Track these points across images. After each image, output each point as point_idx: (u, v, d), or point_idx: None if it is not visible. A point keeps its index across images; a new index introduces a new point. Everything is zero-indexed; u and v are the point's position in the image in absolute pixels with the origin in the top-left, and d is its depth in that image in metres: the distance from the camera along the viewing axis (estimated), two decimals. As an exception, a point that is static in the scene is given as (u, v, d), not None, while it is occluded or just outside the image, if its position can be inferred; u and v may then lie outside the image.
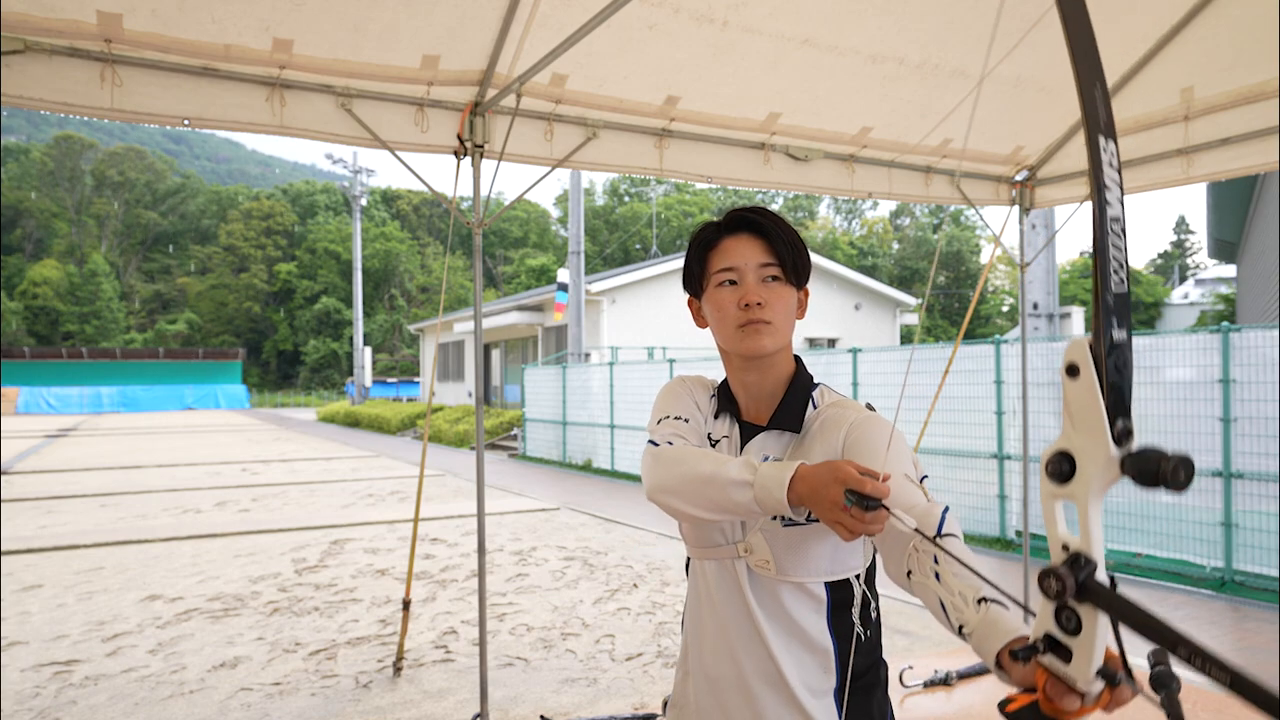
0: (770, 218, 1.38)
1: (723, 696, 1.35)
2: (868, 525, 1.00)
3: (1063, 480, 0.76)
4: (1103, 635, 0.75)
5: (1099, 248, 0.74)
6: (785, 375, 1.39)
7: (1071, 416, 0.75)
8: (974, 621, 0.94)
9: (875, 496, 0.98)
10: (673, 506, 1.26)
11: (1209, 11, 3.16)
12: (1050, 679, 0.78)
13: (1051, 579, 0.74)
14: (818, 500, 1.05)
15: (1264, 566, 5.67)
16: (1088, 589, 0.73)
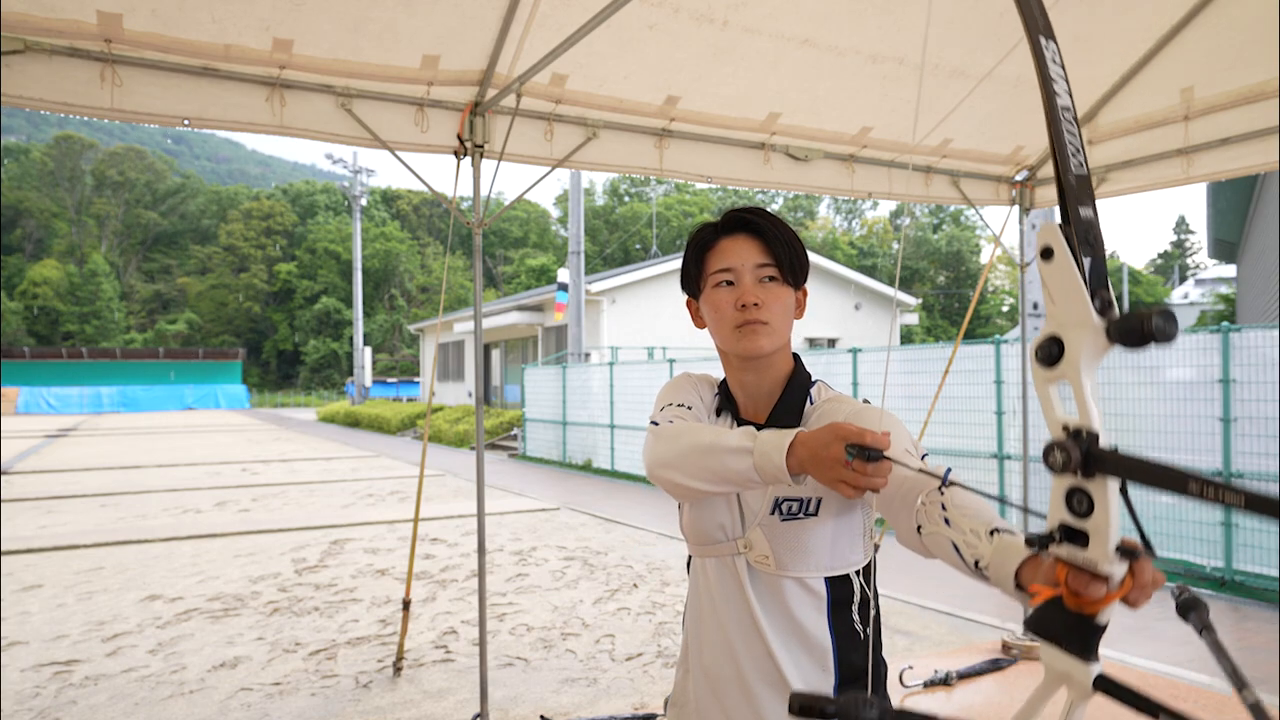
0: (766, 218, 1.39)
1: (722, 695, 1.35)
2: (870, 478, 1.00)
3: (1052, 363, 0.77)
4: (1116, 511, 0.74)
5: (1054, 136, 0.78)
6: (783, 374, 1.40)
7: (1053, 298, 0.77)
8: (988, 553, 0.94)
9: (876, 448, 0.98)
10: (672, 480, 1.26)
11: (1209, 11, 3.16)
12: (1071, 571, 0.76)
13: (1056, 451, 0.75)
14: (818, 461, 1.05)
15: (1264, 566, 5.67)
16: (1093, 456, 0.73)
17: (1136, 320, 0.69)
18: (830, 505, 1.30)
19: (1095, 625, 0.77)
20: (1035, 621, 0.81)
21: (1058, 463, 0.74)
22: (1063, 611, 0.78)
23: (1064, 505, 0.76)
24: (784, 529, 1.30)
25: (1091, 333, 0.75)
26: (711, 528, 1.37)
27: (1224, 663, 0.77)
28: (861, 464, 0.99)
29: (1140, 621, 5.07)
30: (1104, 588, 0.74)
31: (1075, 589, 0.75)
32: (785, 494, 1.31)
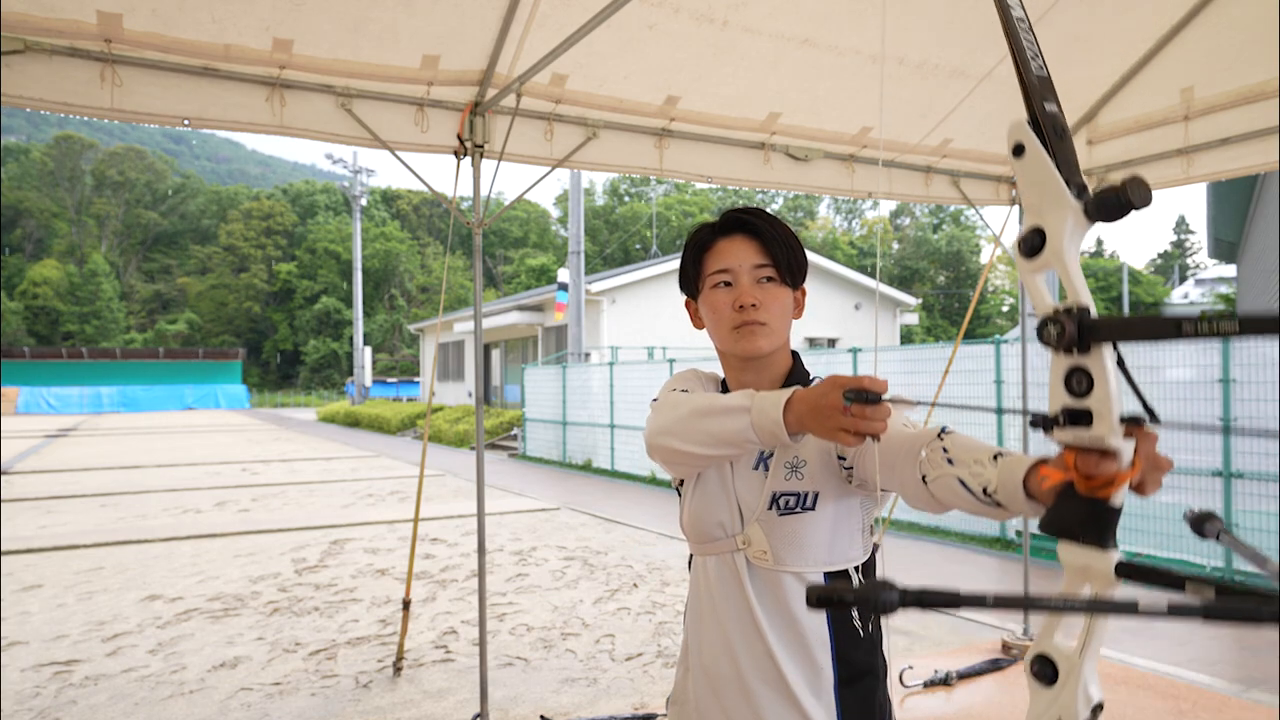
0: (764, 218, 1.39)
1: (722, 694, 1.35)
2: (870, 421, 0.99)
3: (1035, 253, 0.79)
4: (1115, 384, 0.75)
5: (1014, 44, 0.83)
6: (782, 373, 1.40)
7: (1029, 191, 0.79)
8: (994, 476, 0.95)
9: (873, 391, 0.98)
10: (670, 447, 1.26)
11: (1209, 11, 3.16)
12: (1079, 453, 0.76)
13: (1050, 325, 0.75)
14: (818, 412, 1.04)
15: (1264, 566, 5.67)
16: (1087, 326, 0.74)
17: (1112, 193, 0.71)
18: (828, 500, 1.30)
19: (1109, 510, 0.76)
20: (1049, 521, 0.80)
21: (1052, 336, 0.75)
22: (1075, 500, 0.78)
23: (1064, 388, 0.77)
24: (781, 524, 1.30)
25: (1071, 214, 0.76)
26: (711, 525, 1.37)
27: (1246, 552, 0.77)
28: (860, 408, 0.99)
29: (1140, 622, 5.07)
30: (1114, 464, 0.74)
31: (1085, 470, 0.75)
32: (782, 489, 1.31)
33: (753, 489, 1.34)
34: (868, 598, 0.62)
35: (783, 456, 1.33)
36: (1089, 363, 0.75)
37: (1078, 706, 0.77)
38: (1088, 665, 0.78)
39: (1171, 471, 0.77)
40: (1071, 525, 0.78)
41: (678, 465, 1.33)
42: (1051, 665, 0.79)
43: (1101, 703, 0.78)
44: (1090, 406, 0.75)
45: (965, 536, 7.79)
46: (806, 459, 1.31)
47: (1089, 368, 0.75)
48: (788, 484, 1.31)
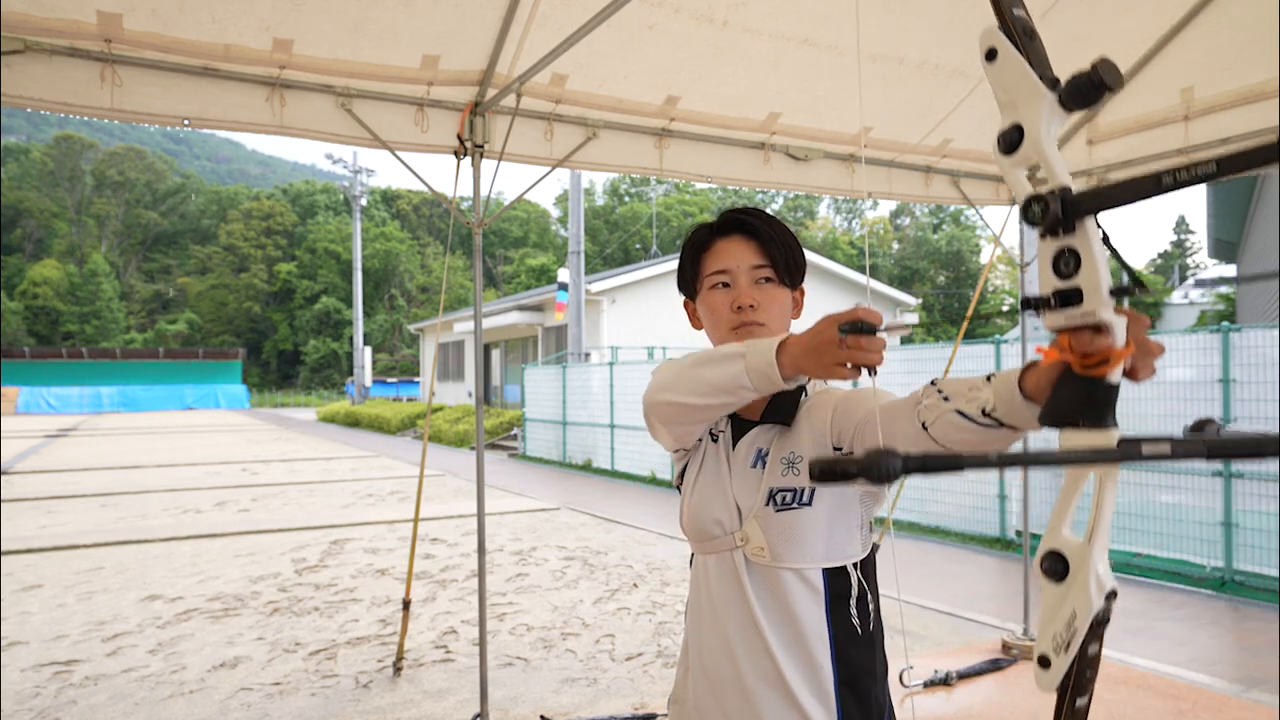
0: (762, 219, 1.38)
1: (721, 694, 1.35)
2: (867, 351, 1.00)
3: (1014, 148, 0.80)
4: (1103, 259, 0.75)
5: None
6: None
7: (1005, 91, 0.80)
8: (991, 394, 0.95)
9: (869, 322, 0.99)
10: (667, 401, 1.26)
11: (1209, 11, 3.16)
12: (1072, 334, 0.77)
13: (1034, 204, 0.76)
14: (814, 350, 1.05)
15: (1264, 566, 5.67)
16: (1069, 201, 0.75)
17: (1083, 78, 0.72)
18: (825, 495, 1.30)
19: (1107, 387, 0.77)
20: (1049, 411, 0.81)
21: (1036, 214, 0.76)
22: (1073, 383, 0.78)
23: (1052, 272, 0.77)
24: (779, 519, 1.30)
25: (1047, 105, 0.78)
26: (709, 523, 1.37)
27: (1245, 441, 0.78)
28: (856, 339, 0.99)
29: (1140, 622, 5.08)
30: (1107, 339, 0.75)
31: (1080, 348, 0.76)
32: (779, 484, 1.31)
33: (750, 486, 1.34)
34: (871, 464, 0.62)
35: (779, 452, 1.33)
36: (1075, 242, 0.76)
37: (1091, 595, 0.77)
38: (1097, 553, 0.78)
39: (1172, 471, 0.77)
40: (1071, 410, 0.78)
41: (675, 423, 1.31)
42: (1062, 560, 0.80)
43: (1115, 590, 0.78)
44: (1079, 284, 0.76)
45: (965, 536, 7.79)
46: (803, 454, 1.31)
47: (1075, 246, 0.76)
48: (784, 480, 1.31)
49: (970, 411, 0.98)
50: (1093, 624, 0.77)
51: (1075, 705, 0.79)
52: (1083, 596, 0.77)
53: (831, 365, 1.03)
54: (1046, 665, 0.79)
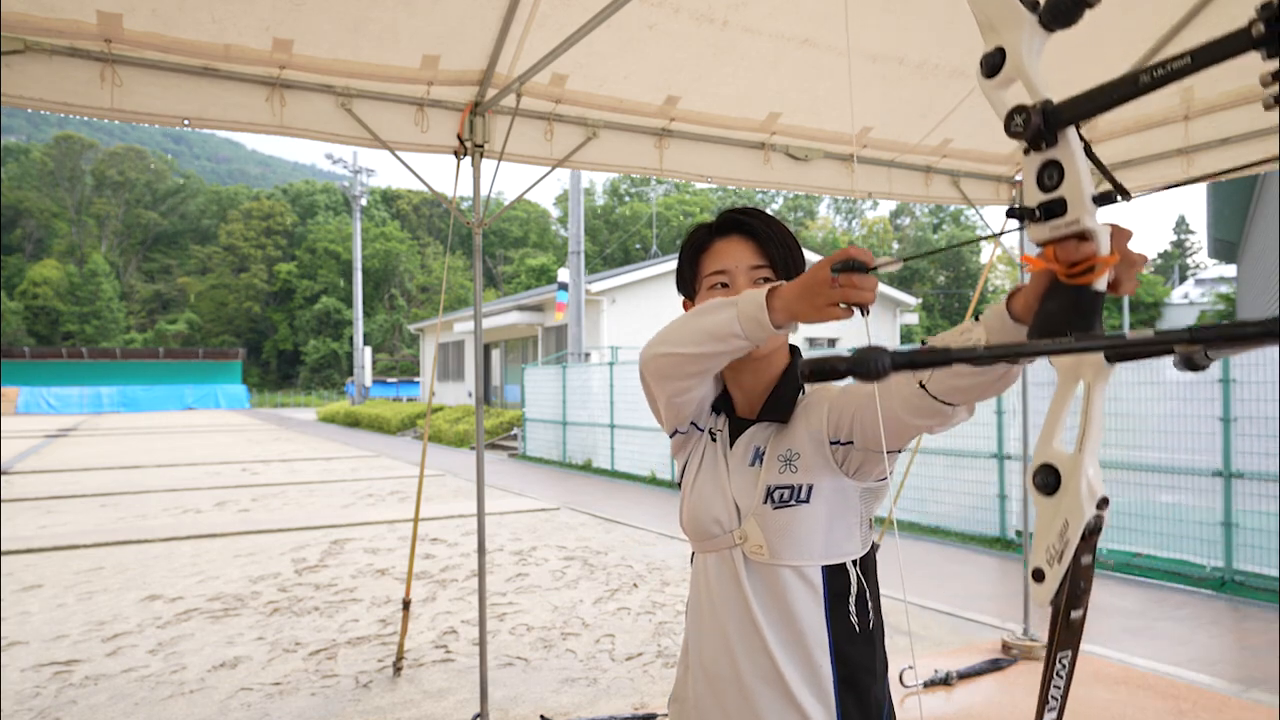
0: (761, 219, 1.38)
1: (721, 693, 1.35)
2: (860, 289, 1.01)
3: (996, 70, 0.81)
4: (1085, 168, 0.76)
5: None
6: (779, 372, 1.39)
7: (986, 18, 0.81)
8: (982, 330, 0.96)
9: (860, 260, 0.99)
10: (662, 353, 1.26)
11: (1209, 11, 3.16)
12: (1057, 244, 0.78)
13: (1015, 115, 0.77)
14: (806, 292, 1.05)
15: (1264, 566, 5.67)
16: (1051, 112, 0.76)
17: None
18: (822, 492, 1.29)
19: (1094, 295, 0.78)
20: (1037, 324, 0.82)
21: (1019, 126, 0.77)
22: (1060, 294, 0.79)
23: (1036, 185, 0.78)
24: (777, 517, 1.30)
25: (1028, 27, 0.79)
26: (707, 522, 1.37)
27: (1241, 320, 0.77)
28: (848, 277, 1.00)
29: (1140, 622, 5.08)
30: (1092, 246, 0.76)
31: (1065, 257, 0.77)
32: (776, 482, 1.31)
33: (747, 484, 1.34)
34: (859, 363, 0.62)
35: (776, 450, 1.33)
36: (1057, 154, 0.77)
37: (1083, 504, 0.77)
38: (1088, 460, 0.78)
39: (1172, 471, 0.78)
40: (1059, 321, 0.79)
41: (667, 377, 1.30)
42: (1054, 473, 0.80)
43: (1106, 498, 0.79)
44: (1063, 194, 0.77)
45: (965, 536, 7.79)
46: (800, 451, 1.31)
47: (1058, 158, 0.77)
48: (781, 477, 1.31)
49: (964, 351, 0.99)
50: (1085, 533, 0.77)
51: (1070, 618, 0.79)
52: (1074, 505, 0.78)
53: (825, 306, 1.04)
54: (1040, 579, 0.80)
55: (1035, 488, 0.81)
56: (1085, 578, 0.79)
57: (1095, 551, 0.79)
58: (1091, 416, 0.79)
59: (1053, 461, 0.80)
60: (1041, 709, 0.81)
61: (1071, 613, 0.79)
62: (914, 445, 4.93)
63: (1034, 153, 0.78)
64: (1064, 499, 0.78)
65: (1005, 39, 0.80)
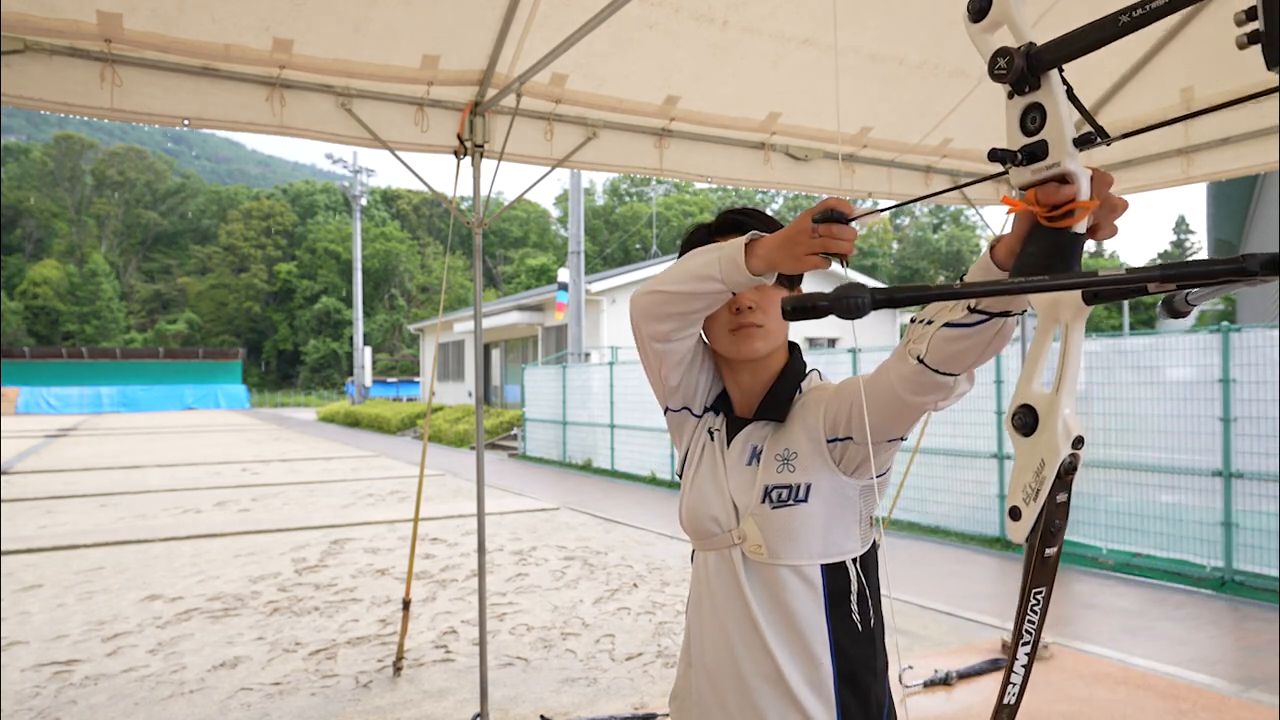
0: (760, 219, 1.38)
1: (721, 689, 1.35)
2: (838, 240, 1.02)
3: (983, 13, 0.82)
4: (1066, 110, 0.77)
5: None
6: (776, 371, 1.40)
7: None
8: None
9: (840, 211, 1.02)
10: (647, 290, 1.28)
11: (1209, 11, 3.16)
12: (1038, 187, 0.78)
13: (998, 57, 0.78)
14: (786, 241, 1.07)
15: (1264, 566, 5.67)
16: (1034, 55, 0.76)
17: None
18: (820, 491, 1.29)
19: (1074, 237, 0.78)
20: (1019, 265, 0.82)
21: (1002, 69, 0.77)
22: (1040, 235, 0.80)
23: (1019, 129, 0.79)
24: (775, 516, 1.30)
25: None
26: (706, 520, 1.38)
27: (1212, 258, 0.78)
28: (828, 227, 1.02)
29: (1140, 622, 5.08)
30: (1072, 189, 0.76)
31: (1045, 199, 0.77)
32: (774, 481, 1.31)
33: (745, 483, 1.34)
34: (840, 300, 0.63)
35: (773, 449, 1.33)
36: (1040, 97, 0.78)
37: (1058, 442, 0.79)
38: (1064, 399, 0.79)
39: (1172, 471, 0.78)
40: (1039, 261, 0.79)
41: (650, 315, 1.30)
42: (1032, 413, 0.81)
43: (1081, 436, 0.80)
44: (1044, 138, 0.77)
45: (965, 536, 7.79)
46: (797, 450, 1.31)
47: (1041, 101, 0.78)
48: (779, 476, 1.31)
49: (956, 318, 0.99)
50: (1060, 472, 0.78)
51: (1045, 555, 0.81)
52: (1050, 444, 0.79)
53: (804, 255, 1.06)
54: (1017, 517, 0.81)
55: (1014, 428, 0.82)
56: (1060, 515, 0.80)
57: (1070, 490, 0.80)
58: (1069, 357, 0.80)
59: (1031, 402, 0.81)
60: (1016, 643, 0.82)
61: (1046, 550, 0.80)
62: (914, 445, 4.93)
63: (1017, 96, 0.79)
64: (1041, 438, 0.80)
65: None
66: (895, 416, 1.19)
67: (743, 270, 1.14)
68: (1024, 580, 0.82)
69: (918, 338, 1.07)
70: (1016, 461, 0.82)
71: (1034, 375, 0.83)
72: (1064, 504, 0.80)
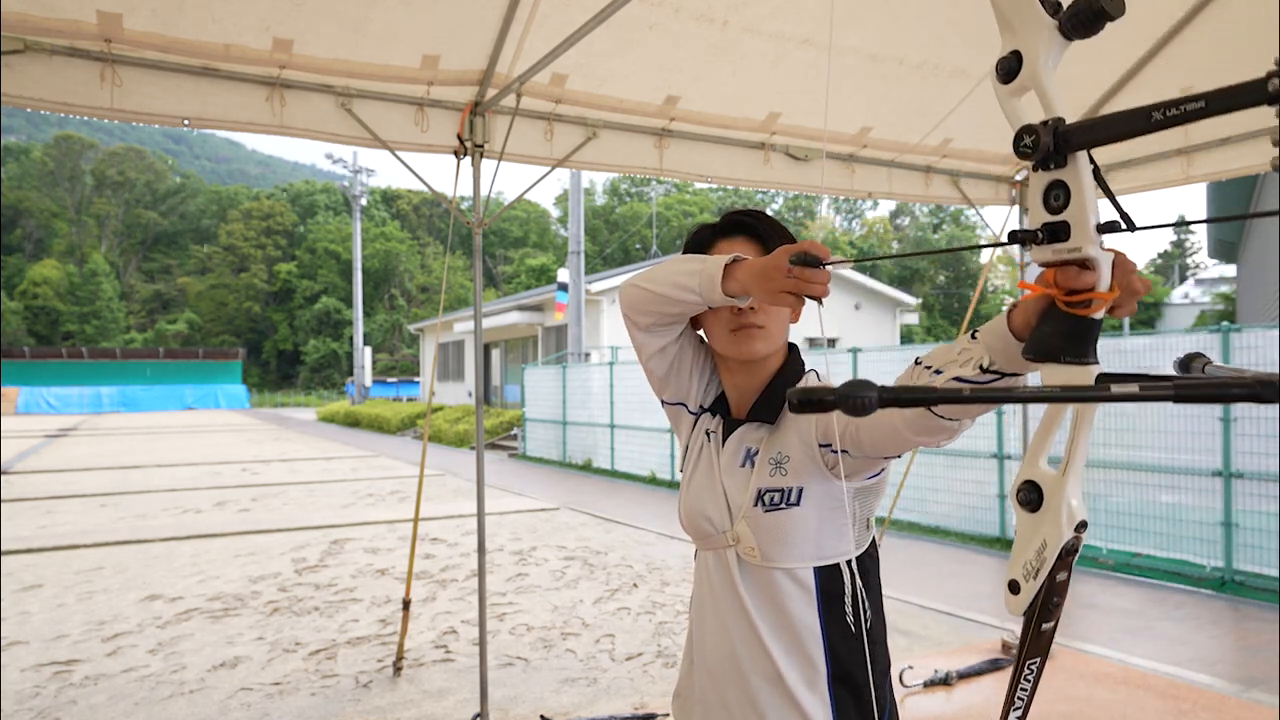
0: (765, 221, 1.39)
1: (721, 687, 1.36)
2: (810, 284, 1.05)
3: (1013, 76, 0.79)
4: (1091, 194, 0.75)
5: None
6: (772, 372, 1.40)
7: (1005, 17, 0.79)
8: (982, 348, 0.95)
9: (816, 255, 1.04)
10: (634, 284, 1.33)
11: (1209, 11, 3.16)
12: (1058, 269, 0.77)
13: (1025, 134, 0.76)
14: (763, 275, 1.10)
15: (1264, 566, 5.67)
16: (1062, 133, 0.74)
17: (1084, 4, 0.71)
18: (812, 494, 1.29)
19: (1090, 324, 0.77)
20: (1032, 344, 0.81)
21: (1028, 147, 0.75)
22: (1056, 319, 0.79)
23: (1042, 205, 0.77)
24: (767, 520, 1.31)
25: (1046, 32, 0.76)
26: (701, 520, 1.39)
27: (1229, 374, 0.77)
28: (803, 270, 1.04)
29: (1140, 622, 5.07)
30: (1092, 276, 0.75)
31: (1064, 283, 0.76)
32: (767, 485, 1.31)
33: (739, 485, 1.35)
34: (846, 397, 0.63)
35: (767, 452, 1.33)
36: (1065, 175, 0.75)
37: (1062, 525, 0.78)
38: (1071, 485, 0.79)
39: (1172, 471, 0.78)
40: (1054, 345, 0.78)
41: (633, 307, 1.36)
42: (1037, 490, 0.81)
43: (1085, 521, 0.79)
44: (1067, 219, 0.75)
45: (965, 536, 7.79)
46: (789, 454, 1.31)
47: (1065, 180, 0.75)
48: (772, 480, 1.31)
49: (969, 375, 0.98)
50: (1061, 553, 0.78)
51: (1041, 629, 0.81)
52: (1054, 527, 0.79)
53: (777, 292, 1.09)
54: (1016, 590, 0.81)
55: (1018, 503, 0.81)
56: (1059, 592, 0.80)
57: (1070, 569, 0.80)
58: (1078, 442, 0.79)
59: (1037, 479, 0.81)
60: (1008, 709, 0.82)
61: (1043, 624, 0.81)
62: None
63: (1042, 171, 0.76)
64: (1045, 518, 0.80)
65: (1022, 42, 0.78)
66: (894, 446, 1.18)
67: (717, 290, 1.18)
68: (1019, 651, 0.82)
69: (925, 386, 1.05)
70: (1018, 534, 0.82)
71: (1041, 452, 0.82)
72: (1064, 582, 0.80)
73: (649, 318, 1.35)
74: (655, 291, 1.29)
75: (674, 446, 12.11)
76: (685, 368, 1.45)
